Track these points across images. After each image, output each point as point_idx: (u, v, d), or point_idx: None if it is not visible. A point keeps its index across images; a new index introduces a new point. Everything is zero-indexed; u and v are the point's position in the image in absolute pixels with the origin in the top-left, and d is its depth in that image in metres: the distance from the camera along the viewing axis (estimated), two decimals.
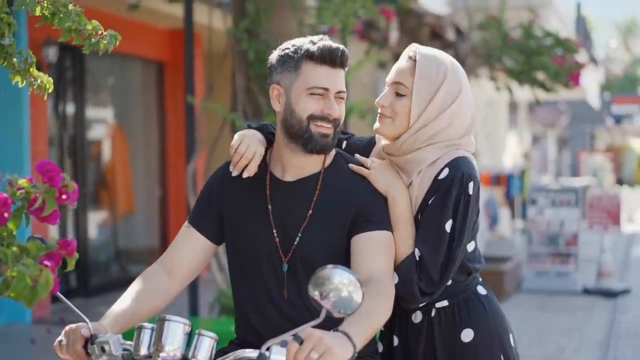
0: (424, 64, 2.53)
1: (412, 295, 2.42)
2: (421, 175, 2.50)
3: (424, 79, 2.52)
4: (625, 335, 8.23)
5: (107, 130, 10.71)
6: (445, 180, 2.45)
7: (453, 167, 2.47)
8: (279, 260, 2.50)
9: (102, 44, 2.62)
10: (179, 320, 2.13)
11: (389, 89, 2.58)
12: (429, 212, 2.46)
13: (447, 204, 2.44)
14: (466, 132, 2.57)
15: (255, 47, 6.64)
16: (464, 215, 2.45)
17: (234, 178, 2.60)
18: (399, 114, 2.53)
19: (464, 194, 2.45)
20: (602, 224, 11.10)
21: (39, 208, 2.05)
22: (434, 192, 2.47)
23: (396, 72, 2.58)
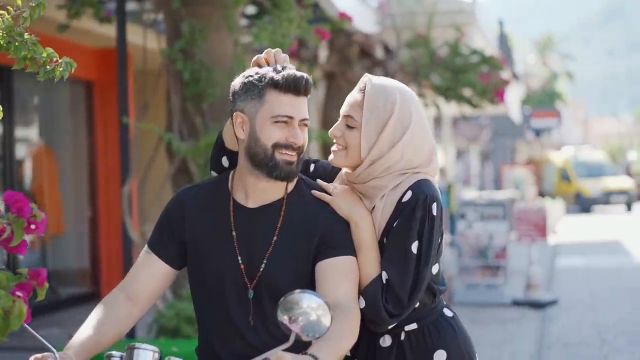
0: (372, 97, 2.56)
1: (380, 318, 2.46)
2: (384, 199, 2.54)
3: (371, 112, 2.55)
4: (556, 345, 8.44)
5: (35, 151, 10.56)
6: (409, 203, 2.50)
7: (416, 190, 2.52)
8: (244, 287, 2.53)
9: (58, 71, 2.63)
10: (148, 347, 2.15)
11: (341, 120, 2.62)
12: (394, 235, 2.50)
13: (412, 226, 2.48)
14: (424, 162, 2.60)
15: (190, 67, 6.66)
16: (430, 236, 2.50)
17: (195, 204, 2.63)
18: (350, 146, 2.58)
19: (428, 215, 2.50)
20: (530, 236, 11.37)
21: (7, 238, 2.06)
22: (397, 215, 2.51)
23: (348, 104, 2.62)
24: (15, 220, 2.04)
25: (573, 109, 64.47)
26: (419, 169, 2.58)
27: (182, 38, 6.60)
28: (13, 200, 2.05)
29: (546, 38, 54.10)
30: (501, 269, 11.16)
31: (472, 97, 11.16)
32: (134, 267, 2.64)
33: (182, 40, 6.59)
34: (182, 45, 6.59)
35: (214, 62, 6.73)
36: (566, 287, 12.44)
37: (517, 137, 35.84)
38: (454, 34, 11.27)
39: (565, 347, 8.37)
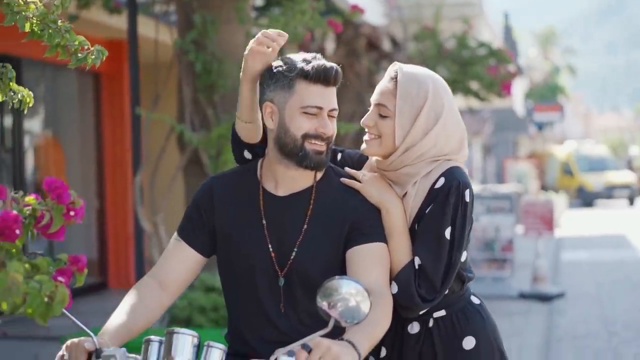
0: (405, 84, 2.56)
1: (413, 303, 2.48)
2: (416, 186, 2.55)
3: (405, 100, 2.55)
4: (564, 338, 8.45)
5: (43, 142, 10.56)
6: (442, 189, 2.51)
7: (449, 176, 2.53)
8: (274, 275, 2.54)
9: (90, 59, 2.63)
10: (188, 332, 2.16)
11: (372, 109, 2.63)
12: (428, 221, 2.51)
13: (446, 212, 2.50)
14: (456, 150, 2.61)
15: (202, 58, 6.67)
16: (462, 222, 2.51)
17: (225, 192, 2.63)
18: (384, 135, 2.58)
19: (461, 201, 2.51)
20: (537, 230, 11.37)
21: (46, 225, 2.06)
22: (430, 201, 2.52)
23: (379, 93, 2.62)
24: (55, 206, 2.05)
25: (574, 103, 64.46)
26: (449, 155, 2.59)
27: (193, 29, 6.61)
28: (53, 187, 2.06)
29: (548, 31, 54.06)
30: (508, 262, 11.18)
31: (479, 90, 11.16)
32: (164, 254, 2.65)
33: (194, 32, 6.60)
34: (194, 37, 6.60)
35: (225, 54, 6.74)
36: (572, 280, 12.46)
37: (520, 131, 35.83)
38: (461, 26, 11.26)
39: (574, 339, 8.38)
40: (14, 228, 1.95)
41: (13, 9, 2.50)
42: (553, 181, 35.66)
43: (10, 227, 1.94)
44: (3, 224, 1.94)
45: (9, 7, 2.49)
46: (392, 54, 11.07)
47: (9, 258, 1.98)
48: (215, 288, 6.37)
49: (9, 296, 1.74)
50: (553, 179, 35.94)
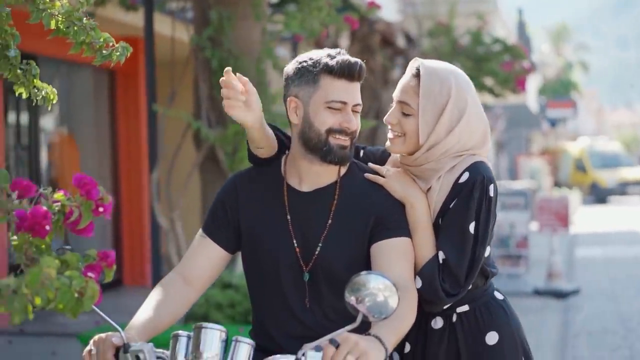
0: (428, 82, 2.55)
1: (437, 297, 2.48)
2: (440, 180, 2.55)
3: (428, 98, 2.55)
4: (580, 334, 8.44)
5: (58, 139, 10.60)
6: (466, 184, 2.51)
7: (473, 171, 2.53)
8: (299, 270, 2.55)
9: (115, 56, 2.63)
10: (216, 327, 2.17)
11: (395, 106, 2.62)
12: (452, 215, 2.52)
13: (470, 206, 2.50)
14: (479, 144, 2.61)
15: (218, 55, 6.68)
16: (487, 216, 2.52)
17: (249, 188, 2.64)
18: (408, 133, 2.58)
19: (485, 196, 2.51)
20: (551, 227, 11.35)
21: (75, 221, 2.07)
22: (454, 195, 2.52)
23: (401, 90, 2.61)
24: (84, 202, 2.06)
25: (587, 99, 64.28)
26: (473, 150, 2.59)
27: (210, 26, 6.61)
28: (82, 183, 2.07)
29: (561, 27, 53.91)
30: (523, 259, 11.16)
31: (493, 86, 11.15)
32: (189, 251, 2.66)
33: (210, 28, 6.61)
34: (210, 34, 6.61)
35: (241, 50, 6.75)
36: (587, 277, 12.42)
37: (533, 127, 35.73)
38: (476, 22, 11.24)
39: (590, 336, 8.37)
40: (43, 224, 1.96)
41: (39, 7, 2.51)
42: (566, 177, 35.54)
43: (40, 223, 1.95)
44: (33, 220, 1.95)
45: (34, 5, 2.50)
46: (407, 50, 11.06)
47: (39, 254, 2.00)
48: (232, 285, 6.39)
49: (43, 291, 1.75)
50: (566, 176, 35.82)
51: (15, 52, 2.65)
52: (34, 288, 1.76)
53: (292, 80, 2.57)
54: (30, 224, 1.94)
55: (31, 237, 1.95)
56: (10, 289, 1.77)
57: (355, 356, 2.08)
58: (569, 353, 7.62)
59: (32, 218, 1.94)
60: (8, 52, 2.65)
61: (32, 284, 1.75)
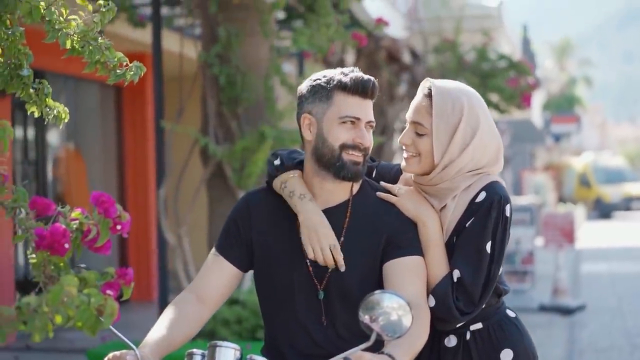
0: (440, 102, 2.57)
1: (451, 316, 2.50)
2: (456, 199, 2.57)
3: (441, 118, 2.57)
4: (587, 351, 8.43)
5: (65, 154, 10.64)
6: (483, 203, 2.53)
7: (490, 191, 2.55)
8: (313, 289, 2.56)
9: (129, 75, 2.66)
10: (230, 345, 2.18)
11: (409, 127, 2.64)
12: (468, 234, 2.53)
13: (487, 226, 2.52)
14: (493, 161, 2.63)
15: (226, 71, 6.72)
16: (503, 236, 2.54)
17: (261, 207, 2.66)
18: (423, 153, 2.60)
19: (502, 216, 2.53)
20: (557, 242, 11.35)
21: (93, 239, 2.10)
22: (470, 215, 2.54)
23: (414, 110, 2.63)
24: (102, 220, 2.08)
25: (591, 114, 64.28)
26: (486, 167, 2.61)
27: (218, 43, 6.65)
28: (100, 202, 2.09)
29: (564, 42, 53.97)
30: (528, 274, 11.16)
31: (499, 102, 11.18)
32: (203, 269, 2.68)
33: (218, 45, 6.65)
34: (218, 50, 6.65)
35: (249, 67, 6.79)
36: (592, 293, 12.41)
37: (537, 143, 35.75)
38: (481, 38, 11.29)
39: (596, 352, 8.36)
40: (62, 242, 1.98)
41: (55, 27, 2.54)
42: (570, 193, 35.53)
43: (59, 241, 1.98)
44: (52, 238, 1.97)
45: (50, 25, 2.53)
46: (413, 66, 11.09)
47: (58, 272, 2.02)
48: (240, 301, 6.40)
49: (63, 309, 1.77)
50: (570, 191, 35.81)
51: (29, 71, 2.68)
52: (54, 306, 1.78)
53: (306, 98, 2.61)
54: (49, 242, 1.96)
55: (50, 255, 1.97)
56: (31, 308, 1.79)
57: None
58: None
59: (51, 236, 1.96)
60: (21, 71, 2.67)
61: (53, 302, 1.77)
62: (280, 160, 2.68)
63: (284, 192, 2.62)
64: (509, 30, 17.27)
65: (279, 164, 2.68)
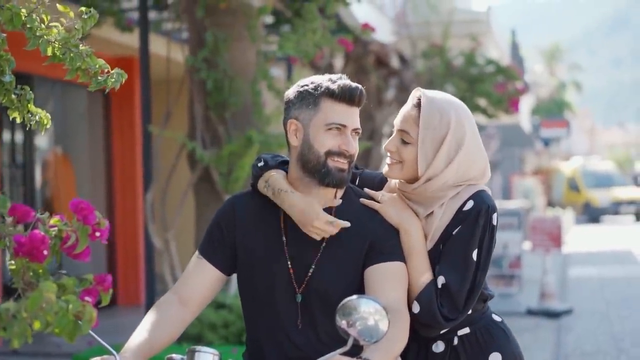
0: (428, 113, 2.59)
1: (436, 322, 2.52)
2: (443, 207, 2.59)
3: (427, 129, 2.58)
4: (572, 355, 8.46)
5: (53, 158, 10.64)
6: (471, 212, 2.56)
7: (477, 200, 2.57)
8: (292, 291, 2.58)
9: (110, 82, 2.68)
10: (209, 351, 2.20)
11: (395, 134, 2.65)
12: (455, 242, 2.56)
13: (475, 234, 2.54)
14: (478, 176, 2.64)
15: (213, 76, 6.73)
16: (489, 245, 2.57)
17: (246, 210, 2.68)
18: (406, 161, 2.61)
19: (489, 225, 2.56)
20: (544, 247, 11.39)
21: (72, 245, 2.11)
22: (457, 222, 2.57)
23: (402, 119, 2.64)
24: (81, 227, 2.09)
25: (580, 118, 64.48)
26: (472, 181, 2.63)
27: (205, 47, 6.67)
28: (79, 208, 2.10)
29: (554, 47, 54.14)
30: (515, 278, 11.20)
31: (487, 107, 11.22)
32: (185, 272, 2.69)
33: (205, 50, 6.66)
34: (205, 55, 6.67)
35: (236, 71, 6.81)
36: (579, 297, 12.45)
37: (526, 147, 35.85)
38: (470, 43, 11.33)
39: (582, 356, 8.39)
40: (41, 249, 1.99)
41: (35, 33, 2.55)
42: (559, 197, 35.63)
43: (37, 248, 1.98)
44: (31, 245, 1.98)
45: (31, 32, 2.54)
46: (401, 71, 11.13)
47: (37, 278, 2.03)
48: (226, 305, 6.42)
49: (42, 315, 1.78)
50: (559, 195, 35.91)
51: (10, 77, 2.68)
52: (33, 312, 1.79)
53: (293, 104, 2.63)
54: (28, 249, 1.97)
55: (29, 261, 1.98)
56: (10, 314, 1.80)
57: None
58: None
59: (30, 243, 1.97)
60: (3, 77, 2.68)
61: (32, 309, 1.78)
62: (264, 162, 2.71)
63: (267, 190, 2.64)
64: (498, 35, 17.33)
65: (263, 164, 2.70)
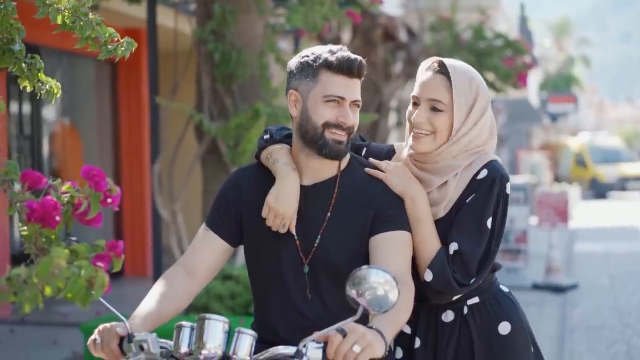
0: (459, 78, 2.62)
1: (449, 288, 2.54)
2: (457, 176, 2.62)
3: (460, 94, 2.61)
4: (578, 329, 8.49)
5: (60, 129, 10.65)
6: (485, 180, 2.59)
7: (491, 169, 2.60)
8: (299, 263, 2.60)
9: (120, 51, 2.68)
10: (219, 318, 2.21)
11: (423, 105, 2.64)
12: (469, 209, 2.58)
13: (489, 202, 2.57)
14: (489, 138, 2.69)
15: (221, 48, 6.72)
16: (503, 213, 2.61)
17: (252, 182, 2.69)
18: (439, 130, 2.62)
19: (502, 193, 2.59)
20: (551, 222, 11.39)
21: (84, 212, 2.12)
22: (471, 191, 2.59)
23: (428, 88, 2.64)
24: (92, 194, 2.11)
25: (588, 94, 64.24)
26: (484, 145, 2.67)
27: (213, 20, 6.65)
28: (90, 175, 2.11)
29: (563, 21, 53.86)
30: (522, 253, 11.21)
31: (494, 81, 11.18)
32: (192, 244, 2.70)
33: (213, 22, 6.64)
34: (213, 27, 6.65)
35: (244, 44, 6.79)
36: (585, 272, 12.47)
37: (533, 122, 35.77)
38: (478, 17, 11.27)
39: (588, 330, 8.42)
40: (53, 215, 2.01)
41: (45, 2, 2.55)
42: (566, 172, 35.57)
43: (50, 214, 2.00)
44: (43, 211, 2.00)
45: (41, 0, 2.54)
46: (408, 44, 11.09)
47: (49, 244, 2.04)
48: (233, 276, 6.44)
49: (53, 281, 1.80)
50: (566, 170, 35.85)
51: (20, 45, 2.68)
52: (44, 278, 1.81)
53: (294, 75, 2.63)
54: (41, 215, 1.98)
55: (41, 227, 1.99)
56: (21, 279, 1.81)
57: (362, 346, 2.13)
58: (566, 347, 7.67)
59: (42, 209, 1.98)
60: (13, 46, 2.68)
61: (43, 274, 1.80)
62: (269, 134, 2.72)
63: (268, 161, 2.66)
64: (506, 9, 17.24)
65: (268, 137, 2.71)
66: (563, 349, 7.60)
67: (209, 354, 2.19)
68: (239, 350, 2.21)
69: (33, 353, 6.59)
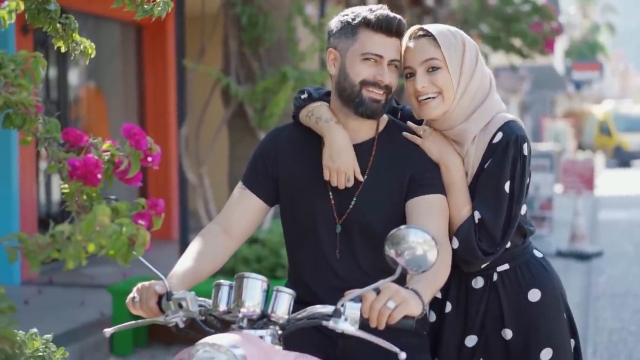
0: (444, 35, 2.61)
1: (475, 256, 2.53)
2: (475, 142, 2.59)
3: (450, 49, 2.59)
4: (603, 296, 8.48)
5: (86, 93, 10.67)
6: (500, 143, 2.55)
7: (506, 131, 2.57)
8: (333, 222, 2.60)
9: (156, 11, 2.67)
10: (258, 277, 2.22)
11: (419, 70, 2.60)
12: (487, 175, 2.56)
13: (505, 165, 2.54)
14: (491, 87, 2.67)
15: (248, 11, 6.70)
16: (521, 175, 2.56)
17: (288, 142, 2.69)
18: (443, 88, 2.60)
19: (519, 155, 2.55)
20: (576, 189, 11.34)
21: (124, 170, 2.13)
22: (489, 156, 2.57)
23: (418, 52, 2.60)
24: (133, 152, 2.11)
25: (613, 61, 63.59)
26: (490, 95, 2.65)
27: None
28: (131, 134, 2.12)
29: None
30: (546, 220, 11.18)
31: (521, 47, 11.09)
32: (229, 202, 2.71)
33: None
34: None
35: (271, 7, 6.77)
36: (610, 240, 12.43)
37: (558, 90, 35.48)
38: None
39: (612, 297, 8.41)
40: (95, 173, 2.01)
41: None
42: (590, 140, 35.34)
43: (92, 171, 2.01)
44: (85, 168, 2.00)
45: None
46: (435, 9, 11.00)
47: (90, 202, 2.06)
48: (259, 240, 6.47)
49: (96, 238, 1.81)
50: (590, 139, 35.62)
51: (56, 5, 2.68)
52: (87, 235, 1.82)
53: (334, 33, 2.63)
54: (83, 173, 1.99)
55: (83, 185, 2.00)
56: (64, 236, 1.83)
57: (397, 303, 2.13)
58: (591, 314, 7.67)
59: (84, 167, 1.99)
60: (48, 5, 2.68)
61: (87, 231, 1.81)
62: (307, 94, 2.71)
63: (310, 120, 2.64)
64: None
65: (306, 96, 2.71)
66: (588, 316, 7.59)
67: (248, 312, 2.20)
68: (278, 309, 2.22)
69: (61, 314, 6.66)
